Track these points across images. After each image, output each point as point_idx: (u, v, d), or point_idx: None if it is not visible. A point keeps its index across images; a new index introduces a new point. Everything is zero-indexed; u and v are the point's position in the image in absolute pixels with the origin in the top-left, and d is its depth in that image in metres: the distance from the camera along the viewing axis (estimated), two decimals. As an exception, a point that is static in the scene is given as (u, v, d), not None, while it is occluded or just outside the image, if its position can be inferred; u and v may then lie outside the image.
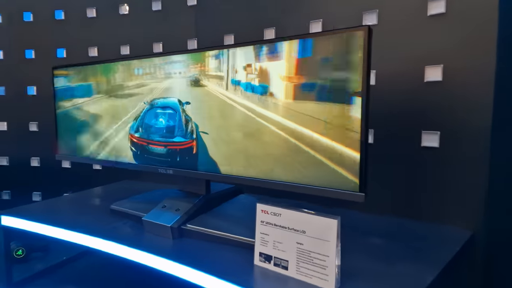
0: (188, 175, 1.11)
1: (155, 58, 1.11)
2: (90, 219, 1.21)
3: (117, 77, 1.22)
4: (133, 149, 1.21)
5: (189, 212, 1.08)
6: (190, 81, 1.05)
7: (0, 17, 2.08)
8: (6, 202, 2.09)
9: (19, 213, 1.25)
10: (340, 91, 0.80)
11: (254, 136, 0.95)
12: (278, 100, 0.89)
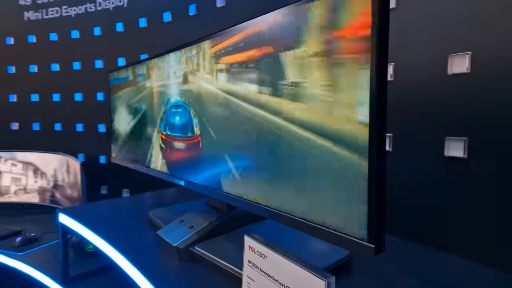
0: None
1: (164, 58, 1.01)
2: (125, 228, 1.18)
3: (148, 79, 1.16)
4: (163, 146, 1.13)
5: (201, 232, 0.93)
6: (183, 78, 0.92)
7: (100, 30, 2.31)
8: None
9: (73, 212, 1.31)
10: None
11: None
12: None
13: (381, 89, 0.48)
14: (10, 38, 2.56)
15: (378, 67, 0.47)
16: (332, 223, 0.56)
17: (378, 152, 0.48)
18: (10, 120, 2.60)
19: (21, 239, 1.78)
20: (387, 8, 0.47)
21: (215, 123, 0.86)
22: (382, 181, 0.48)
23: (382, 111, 0.48)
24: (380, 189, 0.48)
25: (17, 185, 2.30)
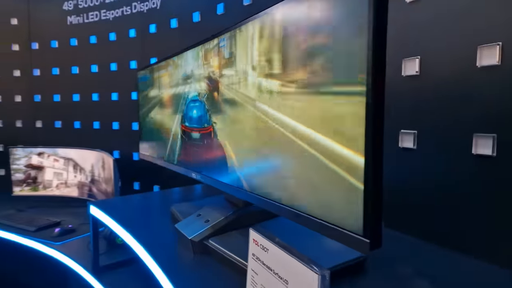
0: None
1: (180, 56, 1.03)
2: (148, 221, 1.22)
3: (170, 76, 1.19)
4: (184, 137, 1.16)
5: (216, 226, 0.94)
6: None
7: (135, 31, 2.41)
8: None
9: (103, 204, 1.37)
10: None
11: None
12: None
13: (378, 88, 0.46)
14: (55, 41, 2.74)
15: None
16: (330, 216, 0.54)
17: (374, 147, 0.46)
18: (54, 118, 2.78)
19: (59, 230, 1.90)
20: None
21: (223, 116, 0.86)
22: (378, 175, 0.46)
23: (379, 103, 0.46)
24: (376, 183, 0.46)
25: (58, 179, 2.46)
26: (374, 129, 0.46)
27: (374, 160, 0.46)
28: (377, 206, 0.45)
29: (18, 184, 2.49)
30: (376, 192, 0.46)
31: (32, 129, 2.84)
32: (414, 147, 1.05)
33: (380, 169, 0.47)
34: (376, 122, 0.46)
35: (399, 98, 1.09)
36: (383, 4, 0.44)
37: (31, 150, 2.49)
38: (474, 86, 0.87)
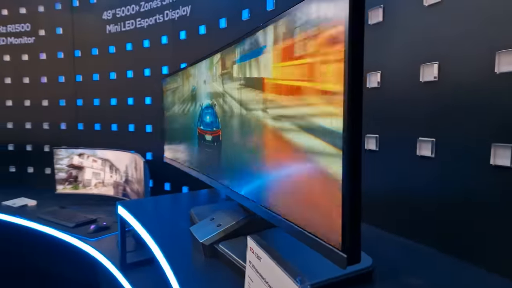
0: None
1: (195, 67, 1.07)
2: (169, 222, 1.28)
3: (187, 84, 1.24)
4: (199, 139, 1.22)
5: (228, 230, 0.97)
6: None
7: (166, 38, 2.51)
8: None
9: (129, 204, 1.45)
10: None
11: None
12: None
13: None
14: (95, 49, 2.92)
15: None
16: (313, 228, 0.55)
17: (352, 162, 0.46)
18: (94, 121, 2.96)
19: (95, 227, 2.03)
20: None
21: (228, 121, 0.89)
22: (357, 191, 0.46)
23: (356, 124, 0.46)
24: (354, 198, 0.46)
25: (96, 179, 2.62)
26: (351, 147, 0.46)
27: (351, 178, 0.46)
28: (355, 222, 0.46)
29: (61, 183, 2.68)
30: (354, 208, 0.46)
31: (74, 131, 3.04)
32: (432, 155, 1.02)
33: (357, 187, 0.47)
34: (352, 139, 0.46)
35: (416, 104, 1.06)
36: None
37: (72, 151, 2.67)
38: (493, 92, 0.83)
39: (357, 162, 0.47)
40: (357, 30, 0.46)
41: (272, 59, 0.70)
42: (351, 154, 0.47)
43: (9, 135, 3.19)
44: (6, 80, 3.17)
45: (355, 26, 0.46)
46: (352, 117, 0.47)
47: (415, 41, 1.06)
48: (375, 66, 1.20)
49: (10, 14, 3.12)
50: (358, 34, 0.47)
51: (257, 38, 0.76)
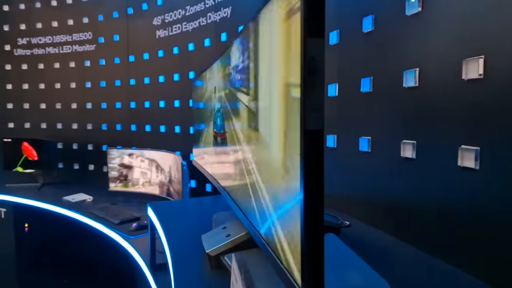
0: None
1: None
2: (189, 227, 1.26)
3: (210, 86, 1.22)
4: (214, 140, 1.19)
5: (236, 241, 0.91)
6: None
7: (209, 41, 2.52)
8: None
9: (157, 206, 1.47)
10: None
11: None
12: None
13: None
14: (147, 53, 3.05)
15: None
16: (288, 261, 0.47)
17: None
18: (145, 123, 3.10)
19: (136, 225, 2.10)
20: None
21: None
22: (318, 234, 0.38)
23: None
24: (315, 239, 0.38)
25: (144, 178, 2.73)
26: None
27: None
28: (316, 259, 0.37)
29: (113, 181, 2.85)
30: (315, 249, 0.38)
31: (127, 132, 3.21)
32: (477, 167, 0.86)
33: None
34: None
35: (458, 106, 0.91)
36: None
37: (123, 151, 2.82)
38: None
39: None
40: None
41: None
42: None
43: (73, 135, 3.47)
44: (71, 85, 3.45)
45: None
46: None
47: (457, 33, 0.91)
48: (412, 62, 1.06)
49: (74, 24, 3.40)
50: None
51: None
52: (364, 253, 0.99)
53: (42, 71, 3.52)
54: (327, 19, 0.48)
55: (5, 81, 3.60)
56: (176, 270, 0.90)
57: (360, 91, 1.27)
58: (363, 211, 1.30)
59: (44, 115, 3.55)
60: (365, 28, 1.24)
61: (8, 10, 3.55)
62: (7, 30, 3.56)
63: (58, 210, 2.57)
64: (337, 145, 1.43)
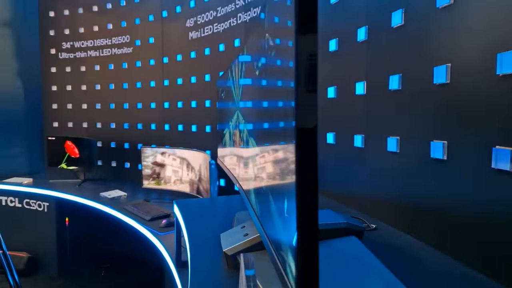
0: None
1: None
2: (211, 225, 1.27)
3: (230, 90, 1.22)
4: (233, 141, 1.19)
5: (253, 241, 0.91)
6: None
7: (239, 41, 2.53)
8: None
9: (183, 204, 1.50)
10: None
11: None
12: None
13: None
14: (180, 55, 3.13)
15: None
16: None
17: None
18: (177, 122, 3.17)
19: (166, 222, 2.16)
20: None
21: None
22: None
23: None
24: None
25: (175, 176, 2.80)
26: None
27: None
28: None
29: (146, 178, 2.94)
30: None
31: (161, 131, 3.31)
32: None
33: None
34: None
35: (492, 104, 0.84)
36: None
37: (156, 150, 2.90)
38: None
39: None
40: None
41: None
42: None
43: (112, 134, 3.63)
44: (110, 86, 3.62)
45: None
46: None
47: (490, 24, 0.84)
48: (443, 58, 0.99)
49: (114, 28, 3.56)
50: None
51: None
52: (388, 258, 0.95)
53: (83, 73, 3.72)
54: (355, 16, 0.45)
55: (51, 83, 3.84)
56: (194, 267, 0.90)
57: (389, 89, 1.22)
58: (391, 214, 1.25)
59: (85, 114, 3.74)
60: (395, 23, 1.19)
61: (53, 16, 3.78)
62: (52, 34, 3.79)
63: (96, 205, 2.69)
64: (365, 145, 1.38)
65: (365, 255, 0.84)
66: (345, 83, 1.49)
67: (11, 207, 3.21)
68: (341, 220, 0.97)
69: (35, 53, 3.80)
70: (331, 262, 0.80)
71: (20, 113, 3.71)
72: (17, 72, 3.68)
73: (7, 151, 3.63)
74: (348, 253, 0.83)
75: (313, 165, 0.37)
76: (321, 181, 1.47)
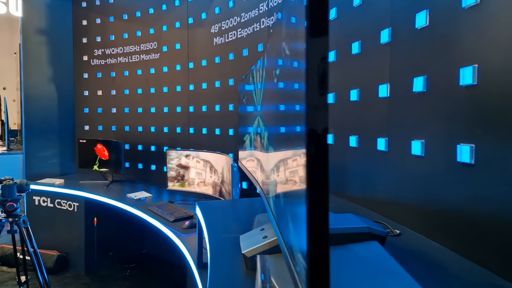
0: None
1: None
2: (232, 227, 1.29)
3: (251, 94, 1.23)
4: (253, 145, 1.20)
5: (273, 244, 0.91)
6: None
7: (261, 46, 2.55)
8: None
9: (205, 205, 1.52)
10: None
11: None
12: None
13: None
14: (205, 60, 3.18)
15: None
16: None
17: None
18: (202, 126, 3.22)
19: (189, 223, 2.19)
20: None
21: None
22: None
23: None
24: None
25: (199, 178, 2.84)
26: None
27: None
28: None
29: (171, 180, 3.00)
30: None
31: (186, 134, 3.37)
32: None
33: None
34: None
35: (522, 106, 0.80)
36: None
37: (181, 152, 2.96)
38: None
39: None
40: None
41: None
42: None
43: (139, 137, 3.74)
44: (138, 91, 3.73)
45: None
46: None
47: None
48: (469, 59, 0.96)
49: (142, 35, 3.67)
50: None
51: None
52: (412, 264, 0.92)
53: (113, 78, 3.86)
54: (378, 18, 0.45)
55: (83, 88, 4.01)
56: (213, 268, 0.92)
57: (413, 91, 1.19)
58: (416, 220, 1.21)
59: (114, 118, 3.88)
60: (419, 24, 1.16)
61: (86, 24, 3.95)
62: (85, 42, 3.96)
63: (122, 206, 2.77)
64: (389, 148, 1.35)
65: (386, 261, 0.82)
66: (368, 86, 1.47)
67: (43, 207, 3.36)
68: (362, 225, 0.95)
69: (69, 60, 3.99)
70: (350, 267, 0.79)
71: (54, 117, 3.90)
72: (52, 78, 3.87)
73: (42, 153, 3.81)
74: (368, 258, 0.82)
75: (324, 170, 0.37)
76: (344, 185, 1.46)
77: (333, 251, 0.85)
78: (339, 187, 1.68)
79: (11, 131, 5.41)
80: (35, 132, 3.77)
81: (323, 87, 0.38)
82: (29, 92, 3.73)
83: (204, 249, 1.56)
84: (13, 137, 6.35)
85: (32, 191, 3.37)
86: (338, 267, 0.82)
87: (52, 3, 3.85)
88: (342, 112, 1.66)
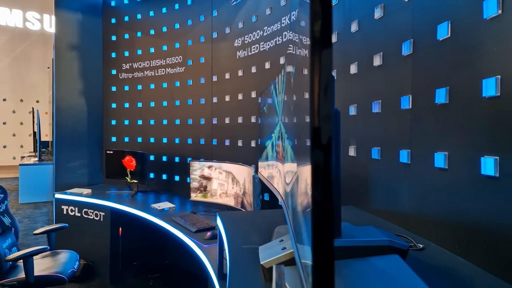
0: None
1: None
2: (252, 238, 1.29)
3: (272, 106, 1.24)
4: (271, 156, 1.20)
5: (291, 255, 0.91)
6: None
7: (284, 58, 2.58)
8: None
9: (225, 216, 1.54)
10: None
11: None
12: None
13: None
14: (228, 73, 3.25)
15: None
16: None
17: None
18: (225, 137, 3.27)
19: (211, 234, 2.21)
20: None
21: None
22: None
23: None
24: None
25: (221, 189, 2.87)
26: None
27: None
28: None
29: (194, 191, 3.05)
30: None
31: (209, 146, 3.43)
32: None
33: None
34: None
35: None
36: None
37: (204, 163, 3.01)
38: None
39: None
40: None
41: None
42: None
43: (163, 148, 3.84)
44: (164, 103, 3.84)
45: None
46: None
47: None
48: (492, 69, 0.94)
49: (168, 49, 3.80)
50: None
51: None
52: (435, 280, 0.90)
53: (139, 91, 4.00)
54: (400, 30, 0.47)
55: (111, 100, 4.17)
56: (232, 279, 0.93)
57: (435, 103, 1.18)
58: (439, 234, 1.18)
59: (140, 130, 4.00)
60: (440, 35, 1.15)
61: (115, 40, 4.13)
62: (114, 57, 4.14)
63: (146, 216, 2.84)
64: (411, 160, 1.33)
65: (407, 275, 0.81)
66: (389, 98, 1.46)
67: (71, 216, 3.49)
68: (382, 237, 0.94)
69: (98, 74, 4.18)
70: (369, 279, 0.78)
71: (83, 128, 4.07)
72: (82, 91, 4.06)
73: (71, 164, 3.98)
74: (388, 271, 0.81)
75: (327, 179, 0.38)
76: (366, 197, 1.45)
77: (353, 263, 0.84)
78: (361, 199, 1.66)
79: (43, 142, 5.68)
80: (65, 143, 3.95)
81: (327, 98, 0.39)
82: (61, 105, 3.92)
83: (224, 260, 1.57)
84: (45, 148, 6.63)
85: (61, 200, 3.52)
86: (356, 279, 0.81)
87: (83, 20, 4.07)
88: (364, 124, 1.65)
